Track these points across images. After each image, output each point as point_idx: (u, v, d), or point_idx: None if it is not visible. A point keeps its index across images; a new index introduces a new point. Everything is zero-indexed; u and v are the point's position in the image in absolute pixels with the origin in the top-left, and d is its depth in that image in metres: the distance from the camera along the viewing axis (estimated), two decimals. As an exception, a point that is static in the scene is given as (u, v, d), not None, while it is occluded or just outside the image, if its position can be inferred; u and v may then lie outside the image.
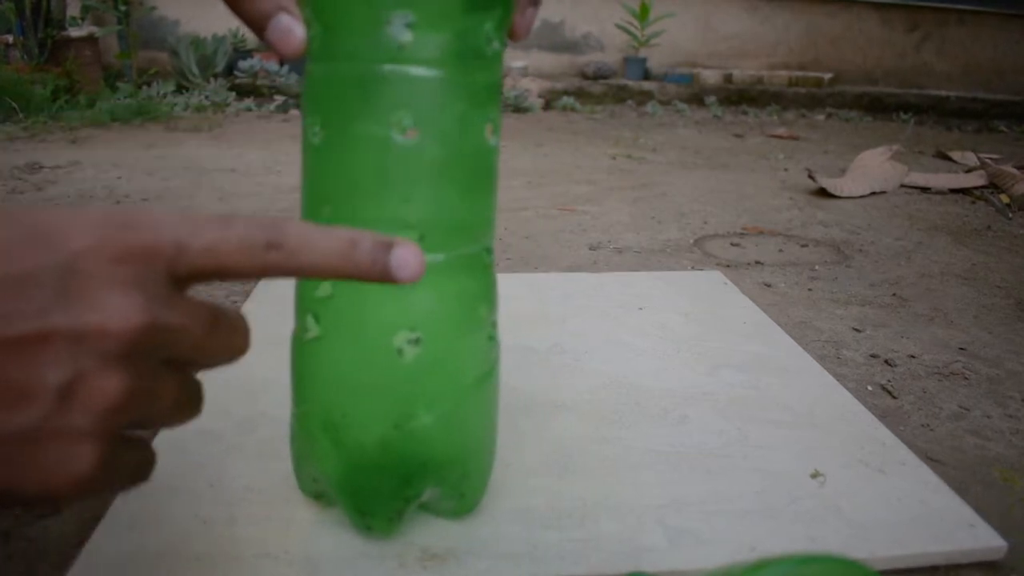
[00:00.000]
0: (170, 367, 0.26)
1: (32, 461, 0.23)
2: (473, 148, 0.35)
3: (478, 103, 0.34)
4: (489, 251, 0.38)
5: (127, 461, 0.26)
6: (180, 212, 0.26)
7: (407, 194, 0.34)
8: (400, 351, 0.35)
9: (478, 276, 0.37)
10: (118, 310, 0.24)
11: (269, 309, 0.70)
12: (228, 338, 0.28)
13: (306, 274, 0.27)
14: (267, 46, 0.33)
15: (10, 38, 2.54)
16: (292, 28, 0.32)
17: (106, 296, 0.24)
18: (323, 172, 0.35)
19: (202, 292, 0.80)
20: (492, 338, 0.38)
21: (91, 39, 2.66)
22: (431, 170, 0.34)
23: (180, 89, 2.77)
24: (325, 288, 0.36)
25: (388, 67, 0.33)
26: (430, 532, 0.40)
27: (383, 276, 0.27)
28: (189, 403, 0.28)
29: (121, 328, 0.24)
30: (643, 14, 3.26)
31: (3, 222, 0.23)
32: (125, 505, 0.41)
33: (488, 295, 0.38)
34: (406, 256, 0.27)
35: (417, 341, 0.35)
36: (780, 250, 1.05)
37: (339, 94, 0.34)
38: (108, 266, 0.24)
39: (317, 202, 0.36)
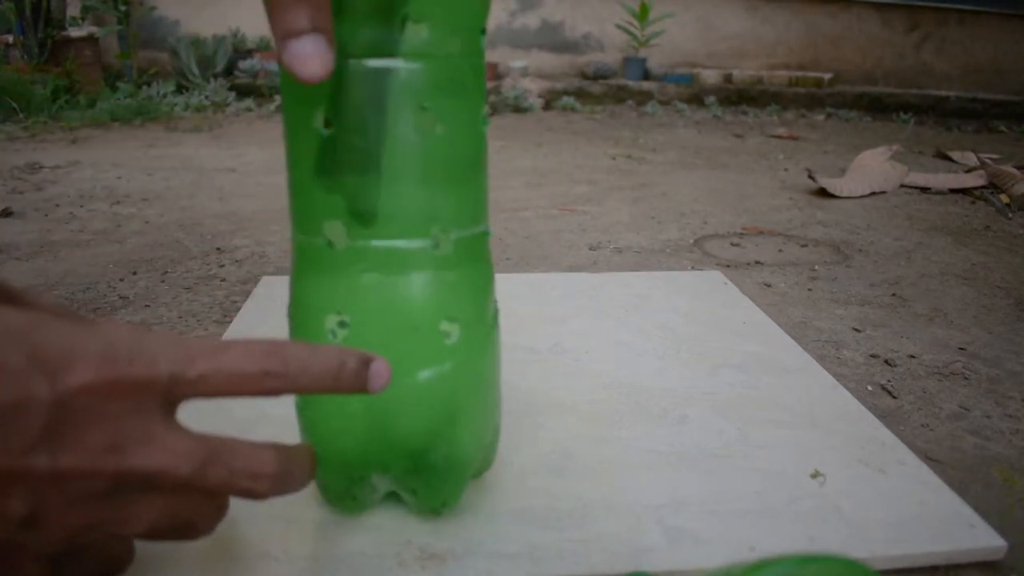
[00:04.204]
0: (153, 492, 0.26)
1: None
2: (473, 135, 0.37)
3: (473, 93, 0.36)
4: (487, 231, 0.39)
5: (84, 569, 0.27)
6: (174, 336, 0.26)
7: (427, 181, 0.35)
8: (447, 335, 0.36)
9: (484, 256, 0.39)
10: (93, 454, 0.24)
11: (269, 309, 0.70)
12: (225, 478, 0.27)
13: (295, 394, 0.28)
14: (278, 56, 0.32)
15: (10, 38, 2.54)
16: (323, 53, 0.28)
17: (86, 437, 0.24)
18: (323, 160, 0.36)
19: (202, 292, 0.80)
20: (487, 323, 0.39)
21: (91, 39, 2.66)
22: (436, 158, 0.35)
23: (180, 89, 2.77)
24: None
25: (403, 62, 0.34)
26: (430, 532, 0.40)
27: (360, 389, 0.29)
28: (178, 526, 0.28)
29: (94, 472, 0.24)
30: (643, 14, 3.26)
31: (6, 343, 0.23)
32: (125, 505, 0.41)
33: (490, 276, 0.40)
34: (380, 370, 0.29)
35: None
36: (780, 250, 1.05)
37: (355, 88, 0.34)
38: (100, 403, 0.24)
39: (309, 190, 0.36)
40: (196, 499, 0.28)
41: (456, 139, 0.36)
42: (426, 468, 0.37)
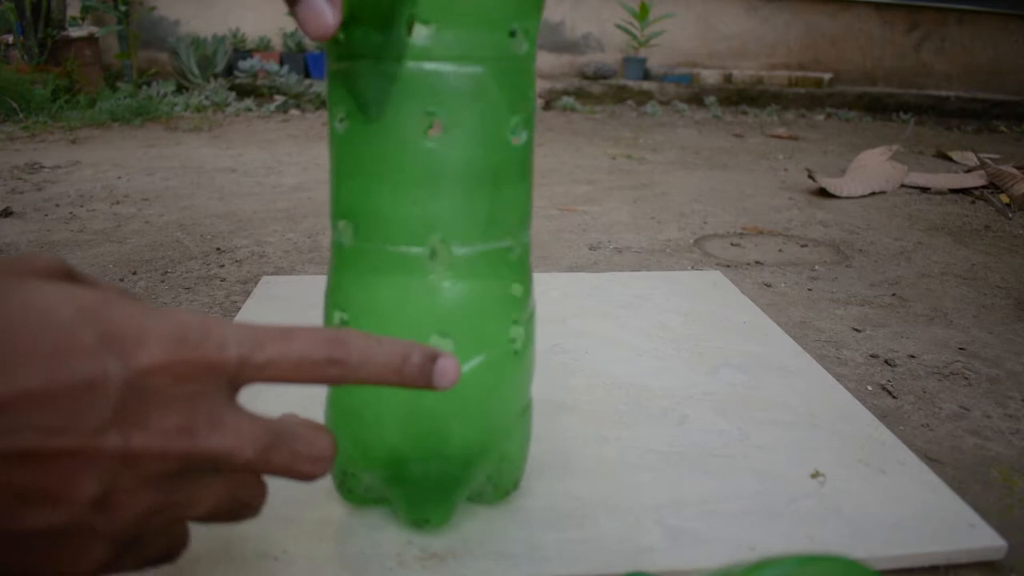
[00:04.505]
0: (215, 475, 0.26)
1: (51, 553, 0.24)
2: (491, 146, 0.35)
3: (496, 101, 0.35)
4: (511, 249, 0.37)
5: (146, 552, 0.27)
6: (245, 324, 0.26)
7: (428, 189, 0.35)
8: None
9: (503, 275, 0.37)
10: (164, 435, 0.24)
11: (269, 309, 0.70)
12: (287, 461, 0.27)
13: (360, 383, 0.28)
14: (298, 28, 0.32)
15: (10, 38, 2.54)
16: (323, 11, 0.30)
17: (162, 418, 0.24)
18: (349, 161, 0.36)
19: (202, 293, 0.80)
20: (518, 322, 0.38)
21: (91, 39, 2.66)
22: (450, 167, 0.34)
23: (180, 89, 2.77)
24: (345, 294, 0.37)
25: (407, 64, 0.33)
26: (430, 532, 0.40)
27: (426, 385, 0.28)
28: (234, 509, 0.28)
29: (165, 453, 0.24)
30: (643, 14, 3.26)
31: (80, 320, 0.23)
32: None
33: (517, 292, 0.38)
34: (447, 367, 0.28)
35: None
36: (780, 250, 1.05)
37: (361, 89, 0.34)
38: (171, 385, 0.24)
39: (345, 185, 0.36)
40: (253, 480, 0.28)
41: (468, 147, 0.34)
42: (405, 480, 0.38)
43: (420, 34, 0.32)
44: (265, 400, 0.39)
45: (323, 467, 0.28)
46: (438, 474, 0.37)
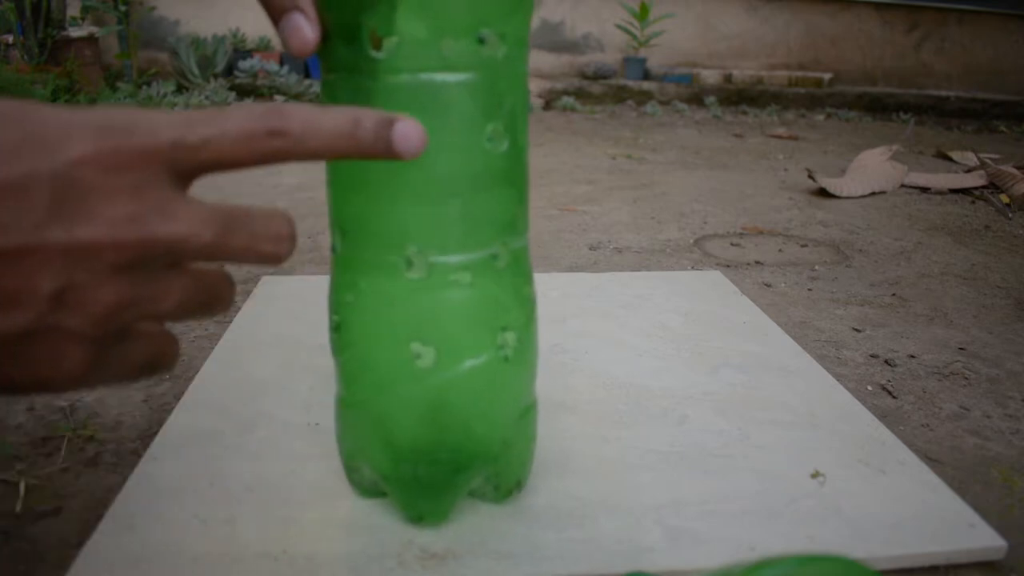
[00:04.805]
0: (177, 268, 0.26)
1: (23, 359, 0.24)
2: (465, 156, 0.34)
3: (468, 110, 0.34)
4: (497, 256, 0.37)
5: (129, 356, 0.27)
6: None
7: (401, 200, 0.34)
8: (418, 356, 0.35)
9: (490, 281, 0.37)
10: (112, 225, 0.24)
11: (269, 309, 0.70)
12: (247, 242, 0.26)
13: (311, 158, 0.27)
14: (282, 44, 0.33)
15: (10, 38, 2.53)
16: (302, 27, 0.31)
17: (102, 209, 0.24)
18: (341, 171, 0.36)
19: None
20: (509, 328, 0.38)
21: (91, 39, 2.66)
22: (431, 176, 0.34)
23: (180, 89, 2.77)
24: (350, 295, 0.37)
25: (374, 77, 0.33)
26: (430, 532, 0.40)
27: (387, 152, 0.27)
28: (205, 301, 0.28)
29: (115, 243, 0.24)
30: (643, 14, 3.26)
31: (1, 124, 0.23)
32: (125, 505, 0.41)
33: (506, 299, 0.37)
34: (407, 130, 0.27)
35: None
36: (780, 250, 1.05)
37: (339, 101, 0.35)
38: (105, 175, 0.24)
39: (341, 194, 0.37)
40: (218, 271, 0.28)
41: (439, 158, 0.34)
42: (398, 479, 0.38)
43: (385, 46, 0.32)
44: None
45: (285, 247, 0.27)
46: (428, 477, 0.38)
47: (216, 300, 0.28)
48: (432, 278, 0.35)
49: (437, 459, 0.37)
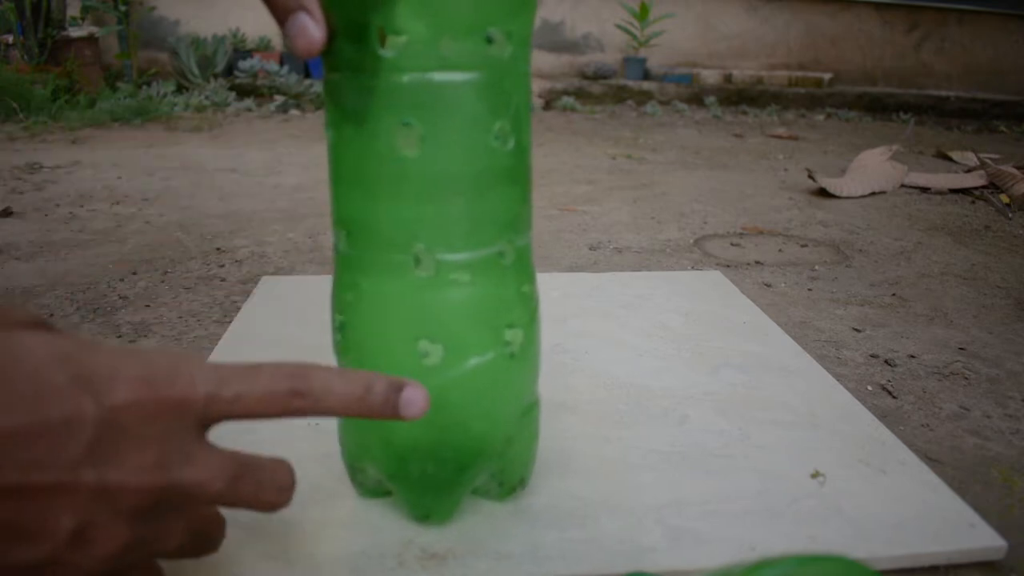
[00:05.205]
0: (182, 511, 0.28)
1: None
2: (472, 154, 0.34)
3: (475, 108, 0.34)
4: (502, 254, 0.37)
5: None
6: (216, 363, 0.28)
7: (408, 198, 0.34)
8: (425, 354, 0.36)
9: (496, 279, 0.37)
10: (140, 470, 0.25)
11: (269, 309, 0.70)
12: (254, 491, 0.29)
13: (326, 415, 0.29)
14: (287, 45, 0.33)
15: (10, 38, 2.54)
16: (308, 27, 0.31)
17: (133, 454, 0.25)
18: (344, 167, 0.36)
19: (202, 292, 0.80)
20: (514, 325, 0.38)
21: (91, 39, 2.66)
22: (431, 175, 0.34)
23: (180, 89, 2.77)
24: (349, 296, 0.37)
25: (381, 76, 0.33)
26: (430, 532, 0.40)
27: (394, 415, 0.30)
28: (200, 543, 0.30)
29: (140, 488, 0.25)
30: (643, 14, 3.26)
31: (54, 362, 0.24)
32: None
33: (511, 296, 0.37)
34: (413, 397, 0.30)
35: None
36: (780, 250, 1.05)
37: (343, 100, 0.35)
38: (142, 422, 0.25)
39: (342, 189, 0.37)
40: (214, 514, 0.30)
41: (446, 156, 0.34)
42: (404, 478, 0.38)
43: (392, 45, 0.32)
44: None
45: (286, 496, 0.30)
46: (434, 475, 0.38)
47: (208, 543, 0.30)
48: (439, 276, 0.35)
49: (442, 457, 0.37)
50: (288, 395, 0.28)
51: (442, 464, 0.37)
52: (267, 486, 0.29)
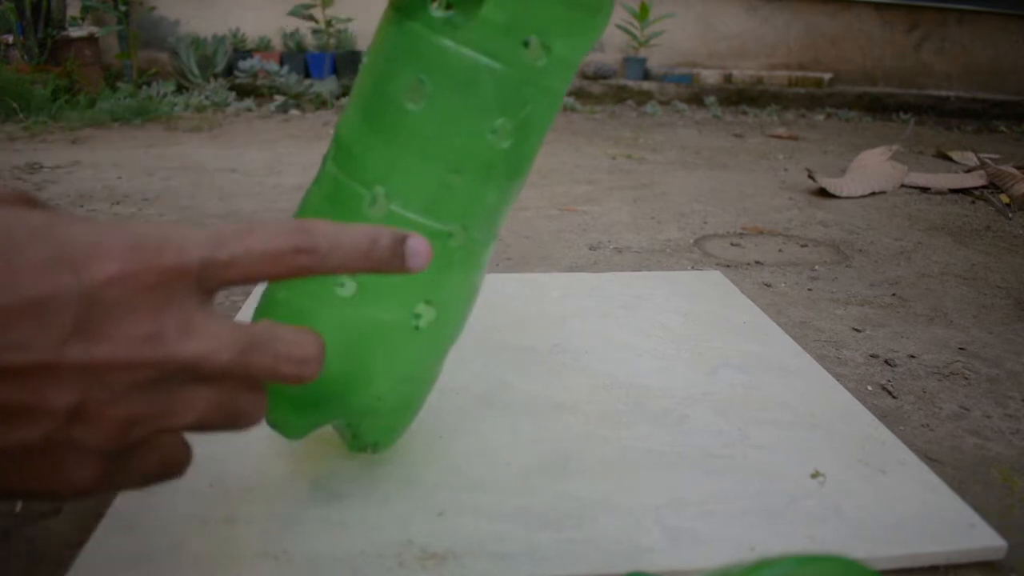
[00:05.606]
0: (203, 382, 0.26)
1: (35, 470, 0.24)
2: (465, 134, 0.36)
3: (485, 96, 0.36)
4: (451, 235, 0.38)
5: (139, 466, 0.27)
6: (198, 225, 0.26)
7: (388, 140, 0.36)
8: (341, 284, 0.37)
9: (440, 255, 0.38)
10: (131, 344, 0.24)
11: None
12: (271, 364, 0.27)
13: (331, 273, 0.27)
14: None
15: (10, 38, 2.54)
16: (420, 248, 0.29)
17: (123, 328, 0.24)
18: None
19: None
20: (432, 303, 0.39)
21: (91, 39, 2.66)
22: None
23: (180, 89, 2.77)
24: None
25: (416, 27, 0.35)
26: (430, 532, 0.40)
27: (400, 267, 0.29)
28: (229, 415, 0.27)
29: (131, 362, 0.24)
30: (643, 14, 3.26)
31: (30, 240, 0.23)
32: (125, 505, 0.41)
33: (442, 278, 0.39)
34: (417, 247, 0.29)
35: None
36: (780, 250, 1.05)
37: (391, 34, 0.36)
38: (132, 295, 0.24)
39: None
40: (241, 388, 0.27)
41: (440, 123, 0.36)
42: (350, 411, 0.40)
43: (440, 7, 0.34)
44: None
45: (309, 369, 0.27)
46: (297, 394, 0.38)
47: (241, 415, 0.28)
48: (384, 222, 0.36)
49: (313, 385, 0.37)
50: (292, 252, 0.26)
51: (307, 387, 0.37)
52: (284, 358, 0.27)
